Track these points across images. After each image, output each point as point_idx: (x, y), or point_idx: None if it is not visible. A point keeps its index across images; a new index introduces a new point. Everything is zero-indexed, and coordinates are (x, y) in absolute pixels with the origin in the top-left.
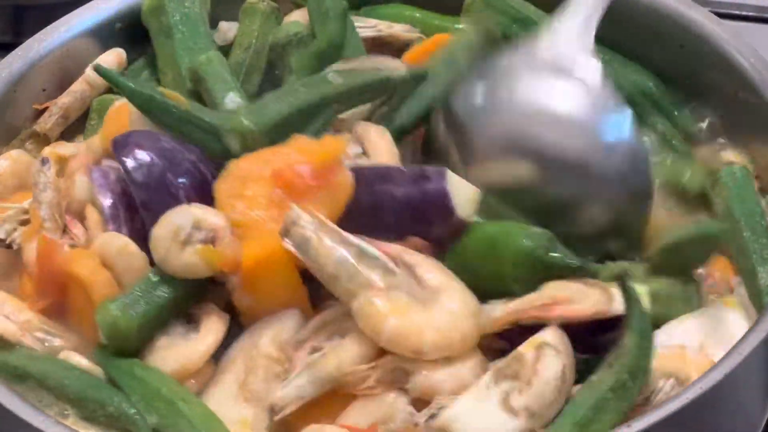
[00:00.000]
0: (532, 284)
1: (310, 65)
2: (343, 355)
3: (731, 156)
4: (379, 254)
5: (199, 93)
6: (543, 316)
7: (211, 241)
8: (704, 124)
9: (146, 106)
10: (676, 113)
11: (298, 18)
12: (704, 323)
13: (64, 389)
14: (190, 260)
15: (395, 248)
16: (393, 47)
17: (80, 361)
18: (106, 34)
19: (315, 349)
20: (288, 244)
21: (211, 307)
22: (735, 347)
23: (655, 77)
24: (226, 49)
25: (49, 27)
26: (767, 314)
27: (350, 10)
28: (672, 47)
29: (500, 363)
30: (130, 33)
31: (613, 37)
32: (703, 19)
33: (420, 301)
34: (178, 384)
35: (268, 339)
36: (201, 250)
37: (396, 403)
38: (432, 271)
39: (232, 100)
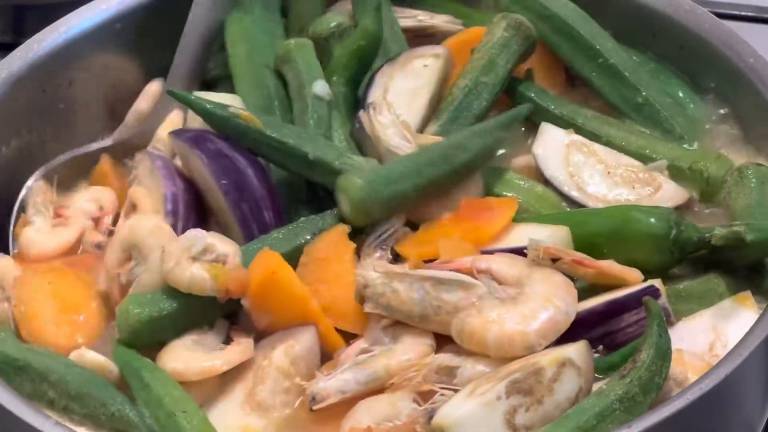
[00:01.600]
0: (666, 268)
1: (349, 65)
2: (393, 358)
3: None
4: (453, 275)
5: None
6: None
7: (222, 262)
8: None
9: (223, 127)
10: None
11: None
12: (716, 321)
13: (66, 385)
14: (198, 273)
15: (465, 261)
16: (434, 39)
17: (94, 357)
18: (106, 34)
19: (365, 351)
20: (369, 309)
21: (244, 339)
22: (734, 349)
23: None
24: None
25: (49, 27)
26: (766, 317)
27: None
28: (672, 47)
29: (519, 374)
30: (130, 33)
31: (614, 37)
32: (703, 19)
33: (510, 298)
34: (182, 391)
35: (281, 352)
36: (210, 265)
37: (401, 403)
38: (507, 265)
39: (323, 87)
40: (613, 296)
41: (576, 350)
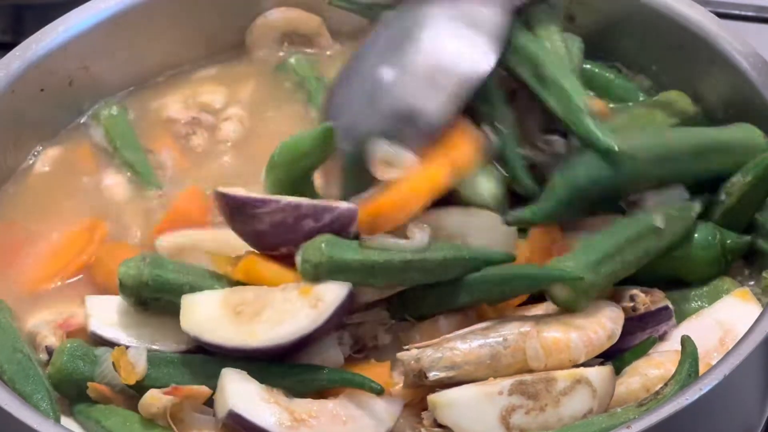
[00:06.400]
0: (710, 275)
1: None
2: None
3: None
4: (491, 322)
5: None
6: None
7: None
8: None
9: None
10: None
11: None
12: (721, 316)
13: (2, 372)
14: None
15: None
16: None
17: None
18: (105, 34)
19: None
20: (435, 376)
21: None
22: (733, 350)
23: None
24: None
25: (47, 27)
26: (764, 317)
27: None
28: (672, 47)
29: (528, 377)
30: (130, 33)
31: (613, 37)
32: (703, 19)
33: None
34: (141, 425)
35: None
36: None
37: (403, 420)
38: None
39: None
40: (628, 315)
41: (597, 372)
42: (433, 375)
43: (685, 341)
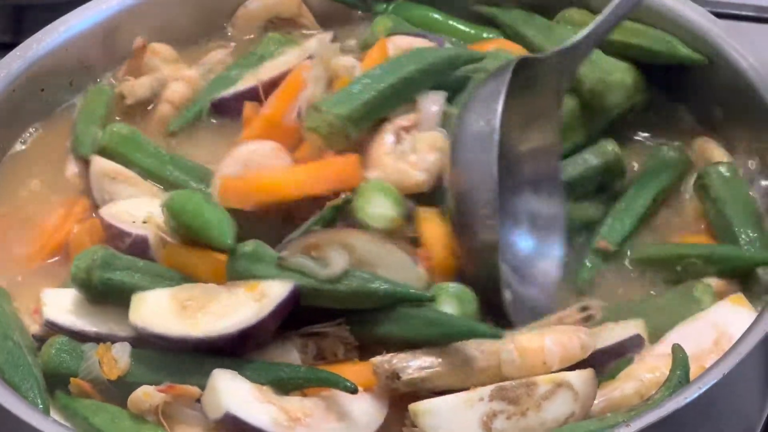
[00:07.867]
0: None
1: None
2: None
3: (717, 154)
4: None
5: None
6: None
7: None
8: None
9: None
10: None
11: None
12: (715, 318)
13: None
14: None
15: None
16: None
17: None
18: (105, 34)
19: None
20: (409, 375)
21: None
22: (732, 349)
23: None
24: None
25: (48, 27)
26: (763, 317)
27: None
28: None
29: (509, 383)
30: (131, 33)
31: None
32: (702, 18)
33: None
34: (132, 421)
35: None
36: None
37: (395, 417)
38: None
39: None
40: (599, 346)
41: (578, 376)
42: (406, 375)
43: (676, 349)
